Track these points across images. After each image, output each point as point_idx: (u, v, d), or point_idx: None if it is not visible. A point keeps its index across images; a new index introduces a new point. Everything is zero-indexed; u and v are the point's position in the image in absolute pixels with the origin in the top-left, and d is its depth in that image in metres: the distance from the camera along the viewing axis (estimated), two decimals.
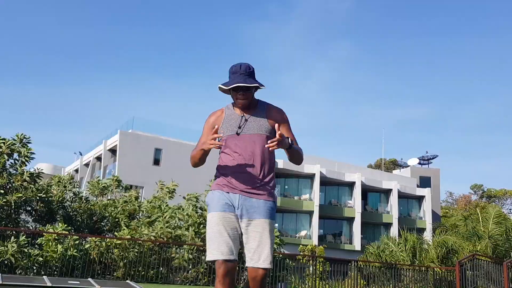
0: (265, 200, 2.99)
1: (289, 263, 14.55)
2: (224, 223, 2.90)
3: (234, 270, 2.85)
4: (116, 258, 11.86)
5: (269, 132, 3.04)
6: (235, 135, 3.02)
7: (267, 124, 3.05)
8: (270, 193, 3.03)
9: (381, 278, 15.24)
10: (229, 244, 2.85)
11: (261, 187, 3.00)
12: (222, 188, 3.01)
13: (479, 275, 14.49)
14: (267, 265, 2.91)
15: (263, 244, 2.91)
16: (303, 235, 38.66)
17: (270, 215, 2.98)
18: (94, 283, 7.76)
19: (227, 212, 2.93)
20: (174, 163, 34.10)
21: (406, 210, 44.66)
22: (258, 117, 3.06)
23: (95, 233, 13.95)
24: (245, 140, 3.01)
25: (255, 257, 2.90)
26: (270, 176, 3.05)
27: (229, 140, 3.03)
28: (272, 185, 3.06)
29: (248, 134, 3.02)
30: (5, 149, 12.79)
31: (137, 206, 15.22)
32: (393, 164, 60.81)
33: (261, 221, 2.94)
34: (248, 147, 3.00)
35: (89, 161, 40.12)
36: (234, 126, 3.04)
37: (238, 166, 2.98)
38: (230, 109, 3.11)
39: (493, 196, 59.62)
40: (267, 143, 2.93)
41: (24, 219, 13.88)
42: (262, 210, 2.96)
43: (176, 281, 12.36)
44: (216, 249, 2.84)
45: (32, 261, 10.98)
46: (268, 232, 2.94)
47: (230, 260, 2.82)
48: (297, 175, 40.03)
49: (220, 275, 2.80)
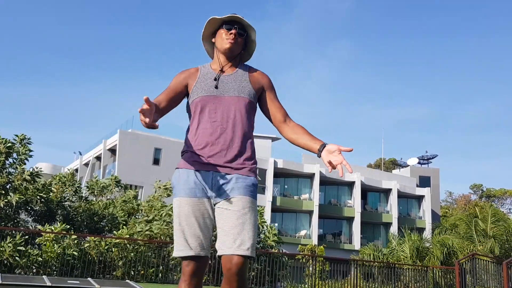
0: (245, 176, 2.44)
1: (288, 262, 14.56)
2: (194, 211, 2.37)
3: (204, 268, 2.38)
4: (115, 257, 11.87)
5: (251, 96, 2.54)
6: (212, 96, 2.50)
7: (250, 87, 2.55)
8: (251, 168, 2.47)
9: (381, 278, 15.24)
10: (199, 237, 2.35)
11: (241, 162, 2.45)
12: (191, 165, 2.45)
13: (478, 275, 14.49)
14: (245, 251, 2.25)
15: (240, 226, 2.30)
16: (302, 234, 38.67)
17: (250, 192, 2.41)
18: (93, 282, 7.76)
19: (198, 198, 2.40)
20: (174, 163, 34.04)
21: (406, 210, 44.68)
22: (240, 78, 2.57)
23: (95, 233, 13.95)
24: (223, 103, 2.49)
25: (229, 242, 2.28)
26: (251, 148, 2.52)
27: (202, 103, 2.50)
28: (254, 160, 2.51)
29: (228, 96, 2.51)
30: (3, 148, 12.80)
31: (136, 205, 15.25)
32: (393, 163, 60.82)
33: (240, 198, 2.36)
34: (226, 111, 2.48)
35: (88, 161, 40.12)
36: (210, 86, 2.52)
37: (213, 134, 2.45)
38: (206, 67, 2.63)
39: (493, 196, 59.65)
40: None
41: (24, 219, 13.89)
42: (241, 186, 2.39)
43: (175, 280, 12.38)
44: (184, 244, 2.34)
45: (31, 261, 10.98)
46: (249, 211, 2.35)
47: (200, 257, 2.34)
48: (297, 175, 40.04)
49: (187, 274, 2.34)
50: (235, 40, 2.55)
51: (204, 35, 2.67)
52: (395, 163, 59.94)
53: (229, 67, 2.61)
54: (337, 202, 41.52)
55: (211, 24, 2.61)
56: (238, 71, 2.60)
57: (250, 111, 2.55)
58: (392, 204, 42.57)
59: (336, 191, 42.02)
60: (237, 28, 2.56)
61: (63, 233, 11.52)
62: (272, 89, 2.65)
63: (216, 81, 2.54)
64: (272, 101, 2.63)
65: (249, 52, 2.71)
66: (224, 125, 2.47)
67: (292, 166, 38.97)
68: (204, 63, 2.73)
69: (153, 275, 12.13)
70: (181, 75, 2.62)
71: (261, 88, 2.62)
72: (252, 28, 2.59)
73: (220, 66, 2.60)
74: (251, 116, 2.57)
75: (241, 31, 2.58)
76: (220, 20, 2.59)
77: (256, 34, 2.63)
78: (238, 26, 2.57)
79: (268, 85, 2.64)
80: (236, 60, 2.64)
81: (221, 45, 2.58)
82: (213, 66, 2.64)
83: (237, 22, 2.58)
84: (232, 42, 2.54)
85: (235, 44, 2.56)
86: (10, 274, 10.29)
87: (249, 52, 2.71)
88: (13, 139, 13.21)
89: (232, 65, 2.62)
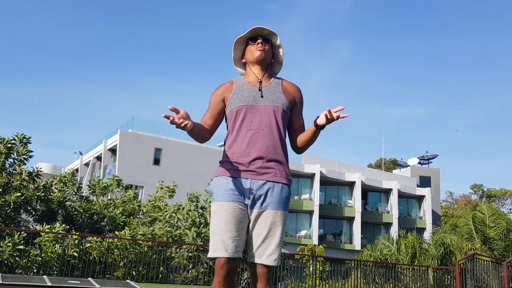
0: (282, 184, 2.60)
1: (289, 262, 14.56)
2: (232, 215, 2.51)
3: (236, 270, 2.51)
4: (116, 257, 11.87)
5: (285, 106, 2.68)
6: (248, 106, 2.63)
7: (283, 97, 2.69)
8: (287, 175, 2.64)
9: (381, 278, 15.24)
10: (235, 239, 2.47)
11: (278, 169, 2.60)
12: (230, 172, 2.59)
13: (479, 274, 14.49)
14: (271, 262, 2.50)
15: (270, 238, 2.52)
16: (303, 234, 38.67)
17: (284, 205, 2.59)
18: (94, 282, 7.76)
19: (236, 202, 2.54)
20: (174, 163, 34.11)
21: (406, 210, 44.68)
22: (274, 89, 2.72)
23: (96, 233, 13.96)
24: (259, 112, 2.63)
25: (259, 252, 2.52)
26: (286, 156, 2.67)
27: (239, 112, 2.63)
28: (287, 167, 2.67)
29: (263, 105, 2.65)
30: (3, 148, 12.79)
31: (136, 205, 15.25)
32: (393, 163, 60.81)
33: (274, 212, 2.55)
34: (262, 120, 2.61)
35: (89, 161, 40.13)
36: (246, 97, 2.66)
37: (251, 142, 2.59)
38: (240, 80, 2.77)
39: (493, 196, 59.62)
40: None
41: (25, 219, 13.89)
42: (277, 198, 2.57)
43: (176, 280, 12.38)
44: (221, 245, 2.46)
45: (32, 261, 10.98)
46: (280, 225, 2.55)
47: (235, 259, 2.46)
48: (297, 175, 40.04)
49: (222, 276, 2.44)
50: (264, 48, 2.73)
51: (235, 59, 2.86)
52: (396, 163, 59.93)
53: (264, 78, 2.76)
54: (337, 202, 41.51)
55: (237, 47, 2.81)
56: (272, 82, 2.75)
57: (284, 120, 2.69)
58: (393, 204, 42.57)
59: (336, 191, 42.01)
60: (261, 38, 2.75)
61: (62, 232, 11.52)
62: (301, 104, 2.81)
63: (260, 91, 2.69)
64: (298, 116, 2.78)
65: (278, 60, 2.86)
66: (260, 133, 2.61)
67: (293, 166, 38.96)
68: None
69: (154, 275, 12.13)
70: (217, 91, 2.75)
71: (294, 100, 2.77)
72: (274, 33, 2.76)
73: (256, 77, 2.75)
74: (285, 125, 2.71)
75: (265, 40, 2.77)
76: (244, 38, 2.79)
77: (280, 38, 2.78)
78: (261, 37, 2.76)
79: (300, 100, 2.79)
80: (269, 71, 2.81)
81: (252, 56, 2.75)
82: (247, 79, 2.78)
83: (259, 34, 2.77)
84: (261, 50, 2.72)
85: (265, 51, 2.73)
86: (10, 274, 10.29)
87: (278, 60, 2.86)
88: (12, 138, 13.18)
89: (266, 77, 2.77)
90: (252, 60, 2.76)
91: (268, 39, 2.78)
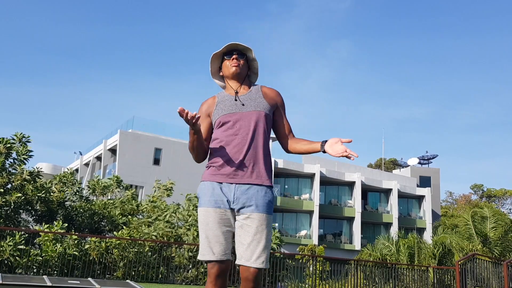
0: (266, 187, 2.74)
1: (289, 262, 14.56)
2: (218, 221, 2.66)
3: (227, 271, 2.68)
4: (116, 258, 11.87)
5: (268, 110, 2.84)
6: (231, 113, 2.78)
7: (265, 102, 2.85)
8: (270, 179, 2.78)
9: (381, 278, 15.24)
10: (222, 243, 2.64)
11: (261, 173, 2.74)
12: (215, 178, 2.74)
13: (478, 274, 14.49)
14: (259, 264, 2.61)
15: (257, 241, 2.63)
16: (303, 234, 38.68)
17: (268, 209, 2.71)
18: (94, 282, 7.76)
19: (221, 208, 2.68)
20: (174, 163, 34.12)
21: (406, 210, 44.70)
22: (254, 96, 2.87)
23: (96, 233, 13.96)
24: (242, 117, 2.78)
25: (247, 255, 2.63)
26: (269, 159, 2.81)
27: (223, 119, 2.79)
28: (271, 169, 2.81)
29: (246, 111, 2.79)
30: (2, 148, 12.79)
31: (135, 205, 15.25)
32: (393, 163, 60.82)
33: (259, 216, 2.67)
34: (246, 125, 2.76)
35: (89, 161, 40.14)
36: (228, 106, 2.81)
37: (235, 148, 2.73)
38: (221, 94, 2.93)
39: (493, 196, 59.62)
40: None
41: (25, 219, 13.89)
42: (261, 202, 2.69)
43: (176, 280, 12.38)
44: (208, 249, 2.64)
45: (32, 260, 10.98)
46: (265, 228, 2.67)
47: (223, 261, 2.64)
48: (297, 175, 40.04)
49: (213, 277, 2.64)
50: (238, 63, 2.88)
51: (212, 72, 3.02)
52: (396, 163, 59.95)
53: (242, 89, 2.91)
54: (337, 202, 41.52)
55: (213, 61, 2.96)
56: (252, 90, 2.91)
57: (268, 124, 2.84)
58: (393, 204, 42.58)
59: (336, 191, 42.02)
60: (236, 53, 2.89)
61: (62, 232, 11.51)
62: (283, 107, 2.96)
63: (236, 100, 2.84)
64: (282, 117, 2.94)
65: (254, 72, 3.01)
66: (244, 138, 2.75)
67: (293, 166, 38.97)
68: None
69: (154, 276, 12.13)
70: (202, 108, 2.93)
71: (275, 104, 2.92)
72: (249, 48, 2.90)
73: (233, 89, 2.90)
74: (269, 129, 2.86)
75: (240, 55, 2.91)
76: (220, 53, 2.93)
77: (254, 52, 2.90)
78: (236, 52, 2.90)
79: (281, 103, 2.95)
80: (247, 82, 2.96)
81: (228, 71, 2.90)
82: (227, 91, 2.93)
83: (234, 49, 2.91)
84: (236, 65, 2.87)
85: (239, 66, 2.88)
86: (10, 274, 10.30)
87: (254, 71, 3.00)
88: (11, 138, 13.16)
89: (244, 87, 2.93)
90: (228, 74, 2.92)
91: (243, 53, 2.92)
